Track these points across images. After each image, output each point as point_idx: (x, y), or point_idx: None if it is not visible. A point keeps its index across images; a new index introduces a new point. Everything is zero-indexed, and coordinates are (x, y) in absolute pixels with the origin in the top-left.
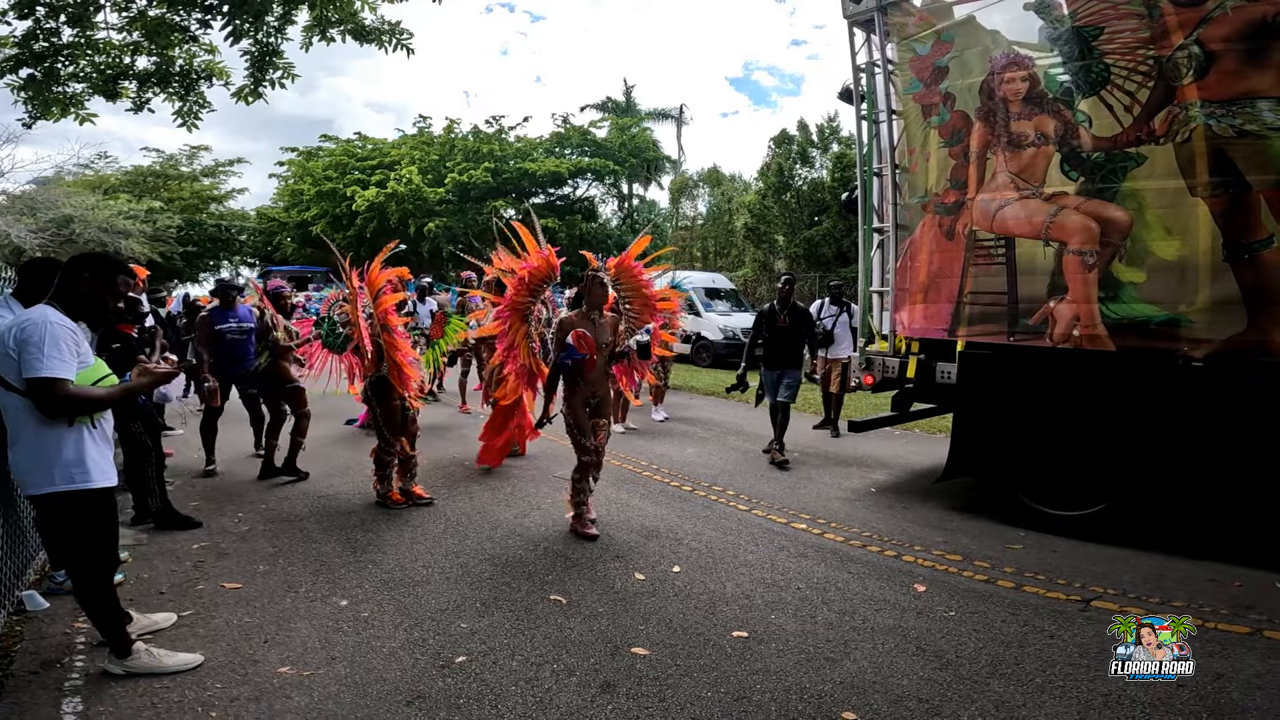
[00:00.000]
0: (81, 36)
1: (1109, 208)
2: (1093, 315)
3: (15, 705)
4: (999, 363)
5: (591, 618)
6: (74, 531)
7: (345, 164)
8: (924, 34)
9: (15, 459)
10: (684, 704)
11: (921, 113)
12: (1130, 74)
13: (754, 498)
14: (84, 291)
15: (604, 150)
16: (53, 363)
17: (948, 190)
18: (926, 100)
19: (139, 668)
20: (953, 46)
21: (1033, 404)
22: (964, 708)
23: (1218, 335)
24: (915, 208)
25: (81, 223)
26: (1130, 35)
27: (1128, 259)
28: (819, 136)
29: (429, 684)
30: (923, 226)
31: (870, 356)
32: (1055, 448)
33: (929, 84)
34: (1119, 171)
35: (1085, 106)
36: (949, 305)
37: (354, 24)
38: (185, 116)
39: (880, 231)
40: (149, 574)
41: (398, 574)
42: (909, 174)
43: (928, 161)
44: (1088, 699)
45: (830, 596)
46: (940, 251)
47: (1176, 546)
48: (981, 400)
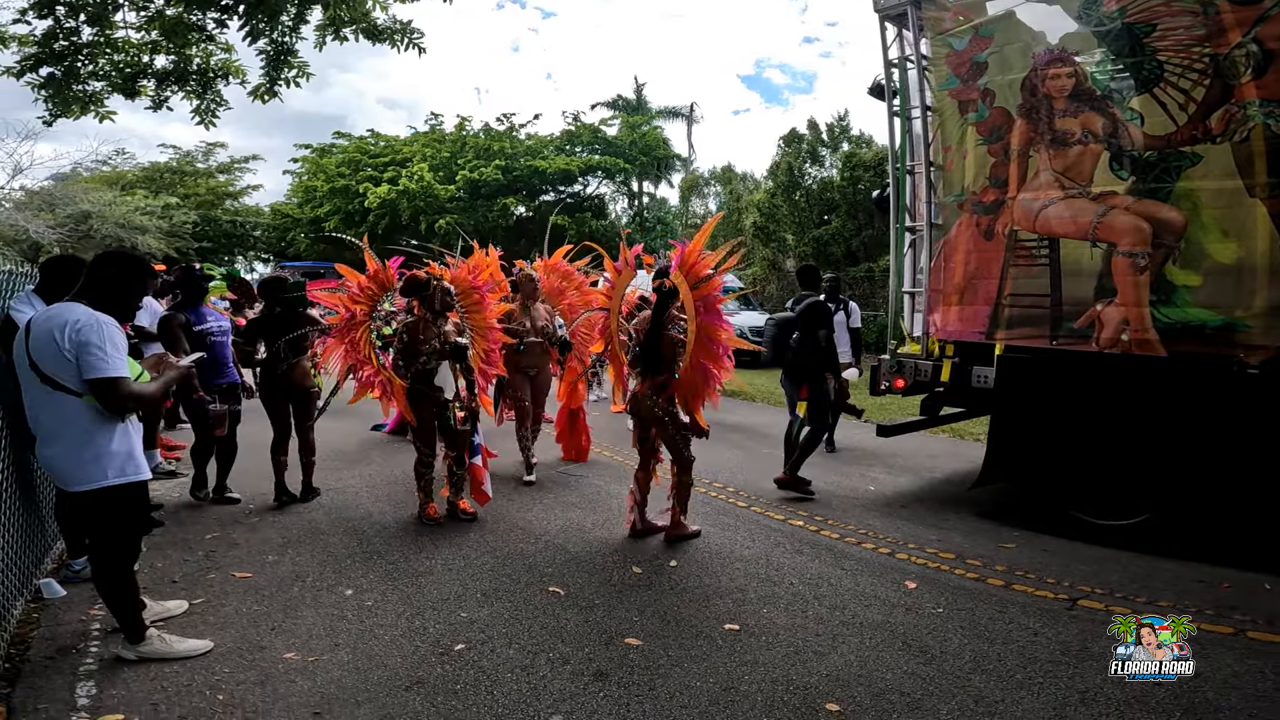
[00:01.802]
0: (101, 35)
1: (1162, 208)
2: (1143, 319)
3: (31, 690)
4: (1040, 367)
5: (588, 609)
6: (115, 522)
7: (358, 161)
8: (961, 29)
9: (57, 455)
10: (673, 693)
11: (958, 109)
12: (1184, 71)
13: (752, 494)
14: (118, 291)
15: (614, 148)
16: (116, 363)
17: (986, 189)
18: (964, 96)
19: (151, 653)
20: (992, 42)
21: (1075, 410)
22: (944, 702)
23: (1275, 341)
24: (951, 206)
25: (99, 218)
26: (1184, 33)
27: (1182, 261)
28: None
29: (428, 670)
30: (959, 226)
31: (901, 359)
32: (1099, 455)
33: (966, 79)
34: (1173, 171)
35: (1136, 104)
36: (987, 307)
37: (366, 23)
38: (203, 114)
39: (913, 230)
40: (162, 563)
41: (402, 565)
42: (945, 171)
43: (965, 159)
44: (1065, 696)
45: (822, 592)
46: (978, 251)
47: (1167, 547)
48: (1021, 405)
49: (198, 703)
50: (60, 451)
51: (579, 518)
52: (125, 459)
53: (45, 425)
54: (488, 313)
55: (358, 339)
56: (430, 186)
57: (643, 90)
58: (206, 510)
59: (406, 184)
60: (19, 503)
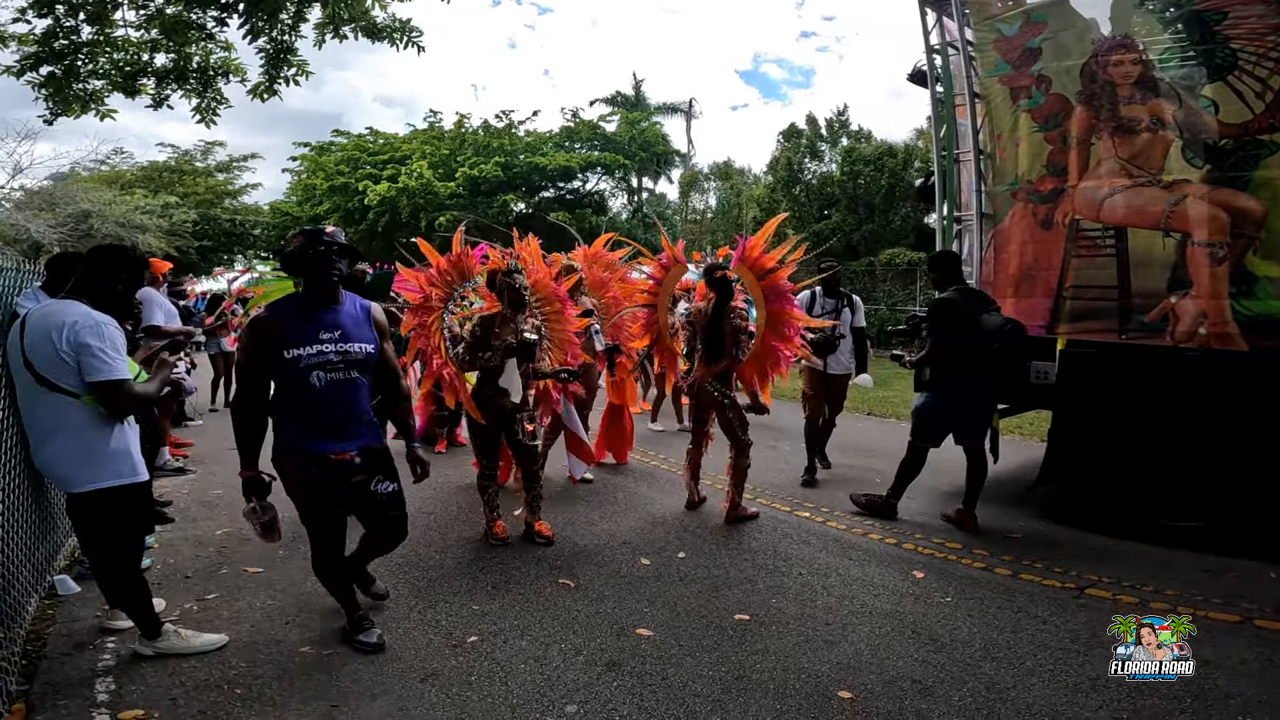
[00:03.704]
0: (100, 34)
1: (1240, 197)
2: (1222, 312)
3: (50, 685)
4: (1106, 362)
5: (598, 600)
6: (115, 523)
7: (357, 159)
8: (1010, 14)
9: (51, 457)
10: (686, 681)
11: (1009, 95)
12: (1260, 60)
13: (759, 486)
14: (109, 284)
15: (614, 144)
16: (119, 365)
17: (1043, 177)
18: (1015, 83)
19: (168, 648)
20: (1045, 28)
21: (1145, 407)
22: (955, 688)
23: None
24: (1004, 195)
25: (99, 218)
26: (1258, 21)
27: (1263, 252)
28: (828, 130)
29: (442, 662)
30: (1013, 215)
31: None
32: (1171, 455)
33: (1018, 65)
34: (1251, 160)
35: (1209, 91)
36: (1047, 300)
37: (366, 22)
38: (204, 113)
39: (959, 221)
40: (174, 559)
41: (412, 559)
42: (995, 160)
43: (1018, 147)
44: (1076, 682)
45: (830, 582)
46: (1035, 242)
47: (1175, 538)
48: (1086, 403)
49: (215, 697)
50: (56, 453)
51: (585, 511)
52: (122, 460)
53: (39, 425)
54: (568, 324)
55: (429, 323)
56: (430, 184)
57: (641, 86)
58: (217, 506)
59: (406, 181)
60: (31, 499)
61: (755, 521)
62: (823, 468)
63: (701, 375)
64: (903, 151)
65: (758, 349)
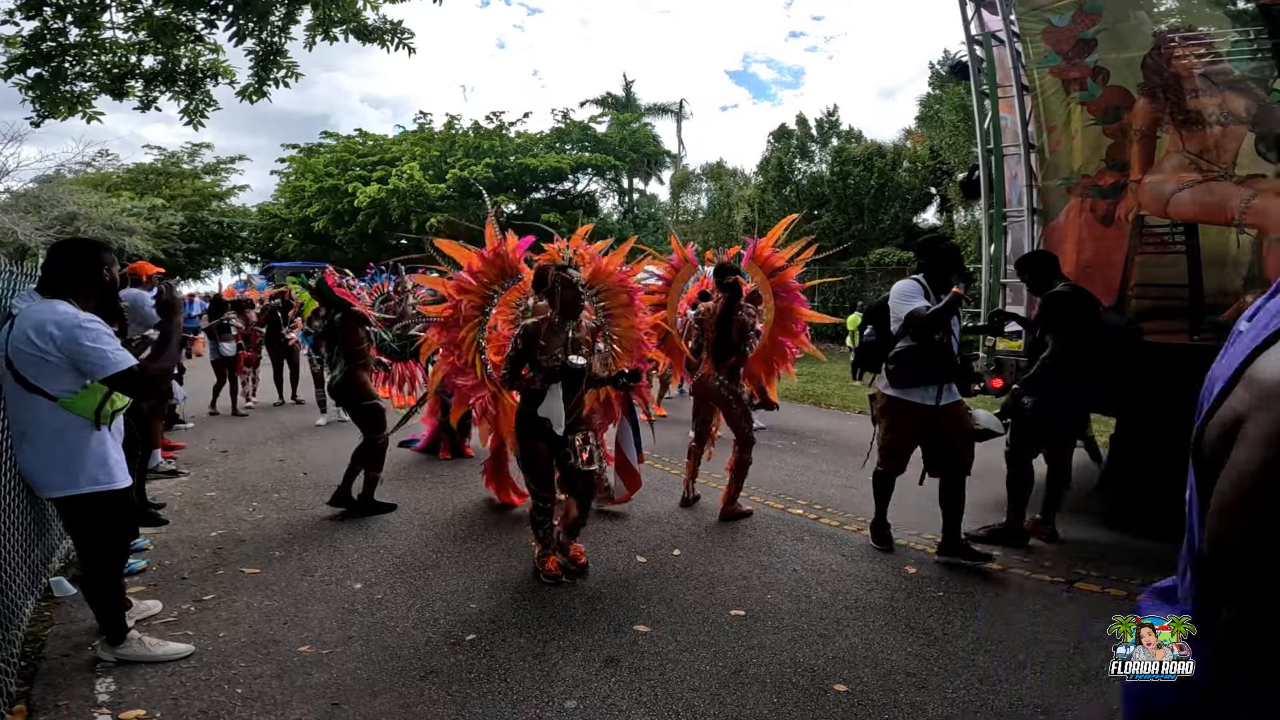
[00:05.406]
0: (88, 36)
1: None
2: None
3: (50, 687)
4: (1174, 364)
5: (595, 598)
6: (94, 529)
7: (346, 160)
8: (1061, 3)
9: (29, 459)
10: (684, 676)
11: (1062, 87)
12: None
13: (752, 484)
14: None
15: (604, 145)
16: (120, 354)
17: (1102, 171)
18: (1068, 74)
19: (130, 655)
20: (1100, 19)
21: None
22: (949, 681)
23: None
24: (1058, 190)
25: (86, 220)
26: None
27: None
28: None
29: (442, 660)
30: (1068, 211)
31: (1000, 357)
32: None
33: (1070, 56)
34: None
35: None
36: (1108, 298)
37: (357, 23)
38: (192, 115)
39: (1005, 217)
40: (170, 561)
41: (409, 559)
42: (1048, 153)
43: (1073, 140)
44: (1067, 674)
45: (824, 578)
46: (1094, 239)
47: (1170, 532)
48: (1153, 406)
49: (217, 696)
50: (31, 455)
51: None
52: (98, 466)
53: (19, 425)
54: (638, 320)
55: (460, 340)
56: (420, 185)
57: (632, 87)
58: (210, 508)
59: (396, 183)
60: (25, 500)
61: (749, 519)
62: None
63: (709, 371)
64: (892, 152)
65: (765, 343)
